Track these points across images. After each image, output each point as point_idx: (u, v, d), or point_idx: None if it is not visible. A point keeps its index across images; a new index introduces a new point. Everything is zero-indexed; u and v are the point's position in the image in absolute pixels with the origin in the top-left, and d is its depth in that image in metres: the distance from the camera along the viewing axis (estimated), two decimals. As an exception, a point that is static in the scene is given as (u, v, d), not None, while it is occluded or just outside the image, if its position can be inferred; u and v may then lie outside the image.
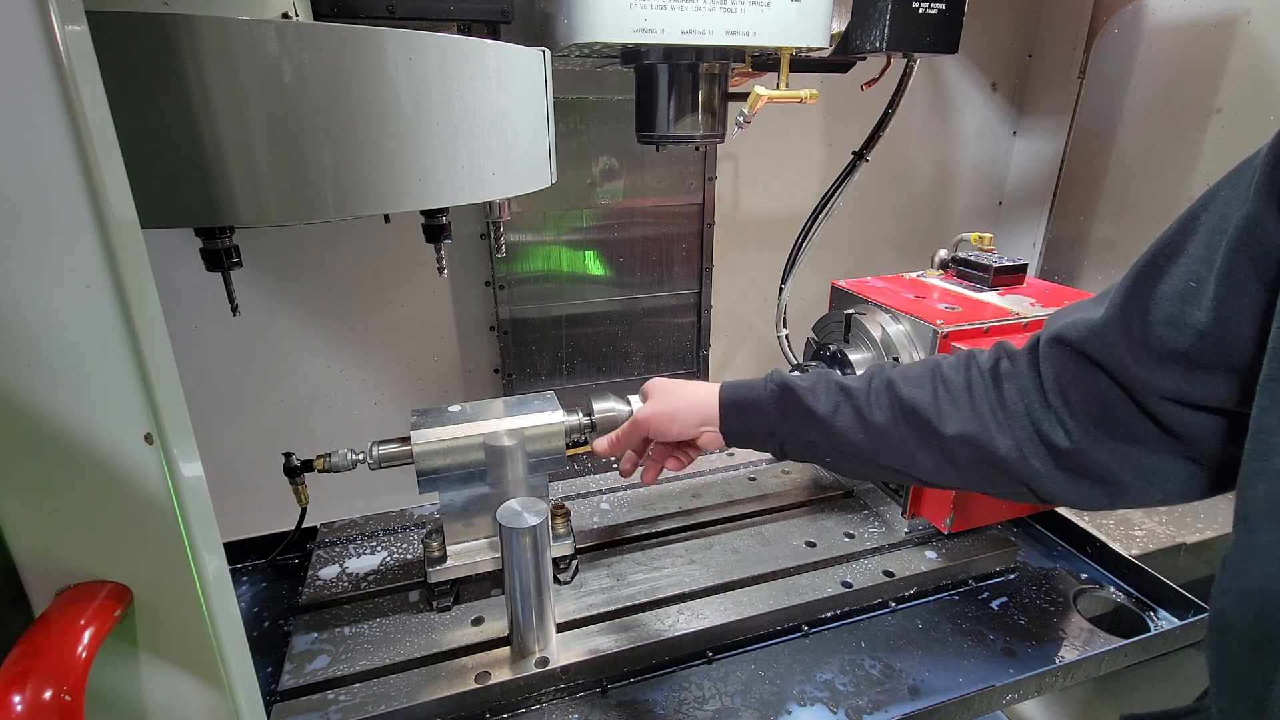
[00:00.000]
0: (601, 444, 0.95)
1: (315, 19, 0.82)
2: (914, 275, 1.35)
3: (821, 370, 0.85)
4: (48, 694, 0.43)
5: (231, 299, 0.79)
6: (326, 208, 0.64)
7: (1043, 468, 0.67)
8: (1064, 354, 0.65)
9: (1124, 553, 1.16)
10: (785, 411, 0.81)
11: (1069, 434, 0.65)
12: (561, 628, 0.98)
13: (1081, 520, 1.25)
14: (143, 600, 0.52)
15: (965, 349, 0.77)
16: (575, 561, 1.09)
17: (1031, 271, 1.44)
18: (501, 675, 0.91)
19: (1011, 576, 1.16)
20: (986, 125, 1.97)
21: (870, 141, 1.30)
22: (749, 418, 0.84)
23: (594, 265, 1.60)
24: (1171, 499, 0.64)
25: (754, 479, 1.36)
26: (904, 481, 1.15)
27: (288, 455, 0.97)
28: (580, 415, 1.02)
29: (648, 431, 0.89)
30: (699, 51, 1.06)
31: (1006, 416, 0.69)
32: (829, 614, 1.06)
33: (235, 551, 1.19)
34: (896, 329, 1.13)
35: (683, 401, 0.88)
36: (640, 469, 0.97)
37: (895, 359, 1.10)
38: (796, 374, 0.84)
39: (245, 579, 1.17)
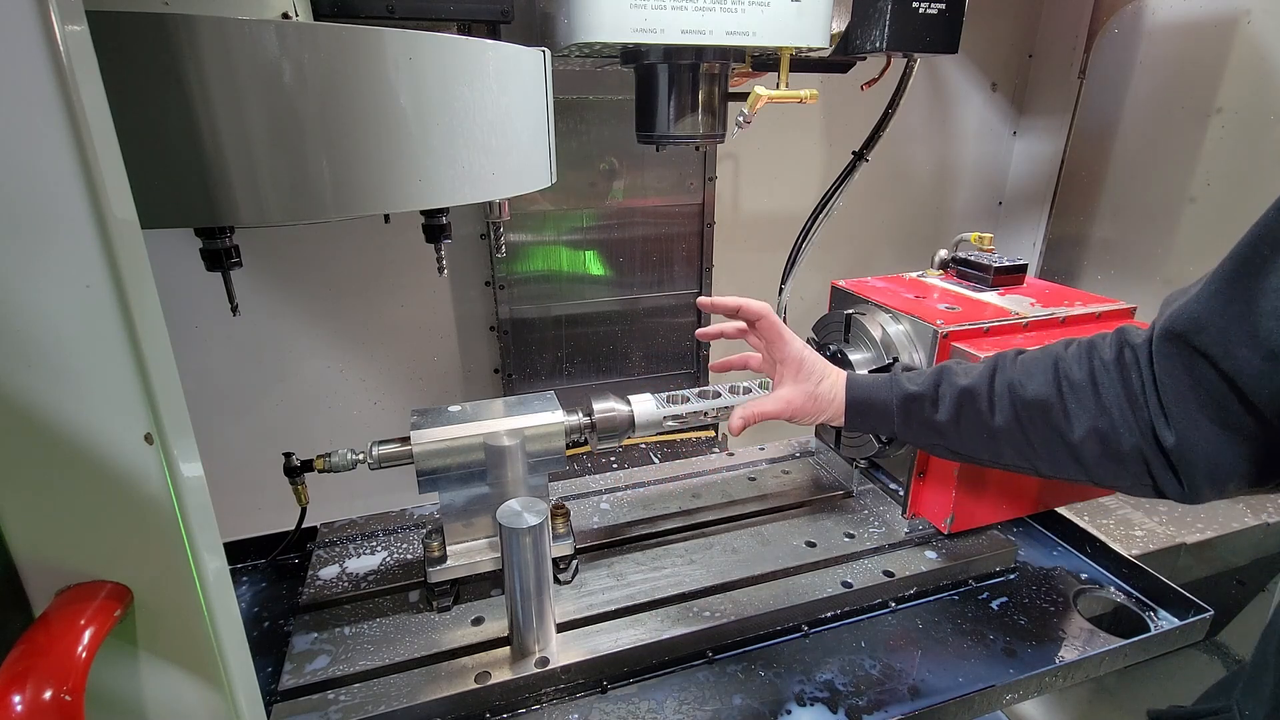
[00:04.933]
0: (737, 423, 0.94)
1: (315, 19, 0.82)
2: (914, 275, 1.35)
3: (940, 369, 0.84)
4: (48, 694, 0.43)
5: (231, 299, 0.79)
6: (326, 208, 0.64)
7: (1160, 461, 0.65)
8: (1173, 345, 0.62)
9: (1124, 553, 1.16)
10: (908, 420, 0.84)
11: (1173, 426, 0.63)
12: (561, 628, 0.98)
13: (1081, 520, 1.25)
14: (143, 600, 0.52)
15: (1085, 338, 0.74)
16: (575, 561, 1.09)
17: (1031, 271, 1.44)
18: (501, 675, 0.91)
19: (1011, 576, 1.16)
20: (986, 125, 1.97)
21: (870, 141, 1.30)
22: (871, 420, 0.90)
23: (594, 265, 1.60)
24: (1244, 489, 0.64)
25: (754, 479, 1.36)
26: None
27: (288, 455, 0.97)
28: (580, 415, 1.02)
29: (793, 418, 0.93)
30: (699, 51, 1.07)
31: (1132, 409, 0.67)
32: (829, 614, 1.06)
33: (235, 551, 1.19)
34: (896, 329, 1.13)
35: (825, 400, 0.92)
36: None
37: (895, 359, 1.10)
38: (915, 377, 0.85)
39: (245, 579, 1.17)
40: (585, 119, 1.48)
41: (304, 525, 1.09)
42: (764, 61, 1.21)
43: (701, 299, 1.00)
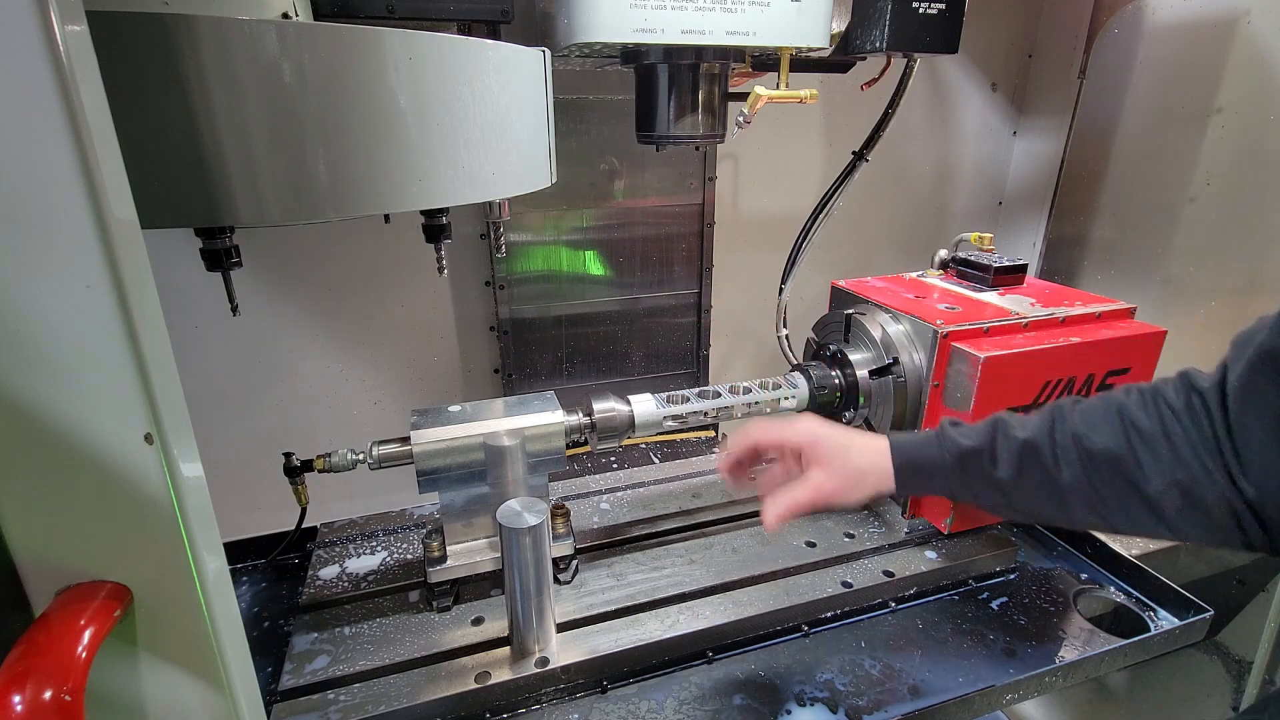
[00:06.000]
0: (773, 519, 0.85)
1: (315, 19, 0.82)
2: (914, 275, 1.35)
3: (993, 422, 0.78)
4: (48, 694, 0.43)
5: (231, 299, 0.79)
6: (326, 208, 0.64)
7: (1247, 513, 0.61)
8: (1265, 375, 0.58)
9: (1124, 553, 1.16)
10: (966, 478, 0.78)
11: (1249, 476, 0.60)
12: (561, 628, 0.98)
13: (1081, 520, 1.25)
14: (143, 600, 0.52)
15: (1147, 385, 0.70)
16: (575, 561, 1.09)
17: (1031, 271, 1.44)
18: (501, 675, 0.91)
19: (1011, 576, 1.16)
20: (986, 125, 1.97)
21: (870, 141, 1.30)
22: (925, 482, 0.83)
23: (594, 265, 1.60)
24: None
25: (754, 479, 1.35)
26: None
27: (288, 455, 0.97)
28: (580, 415, 1.02)
29: (832, 503, 0.85)
30: (699, 51, 1.06)
31: (1210, 458, 0.62)
32: (829, 614, 1.06)
33: (235, 551, 1.19)
34: (896, 329, 1.13)
35: (862, 472, 0.84)
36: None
37: (895, 359, 1.10)
38: (968, 431, 0.79)
39: (245, 579, 1.17)
40: (585, 119, 1.48)
41: (304, 525, 1.09)
42: (764, 61, 1.21)
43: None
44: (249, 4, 0.69)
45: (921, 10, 1.07)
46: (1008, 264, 1.26)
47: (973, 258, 1.30)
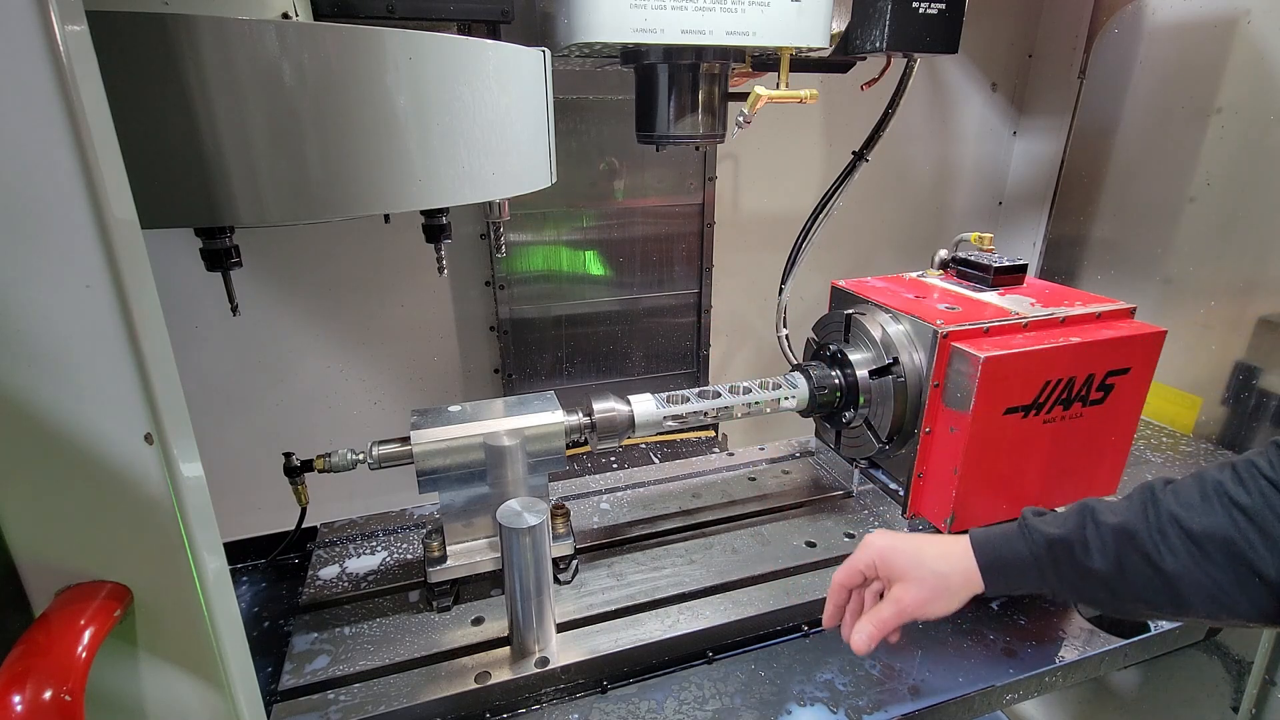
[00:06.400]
0: (864, 642, 0.80)
1: (315, 19, 0.82)
2: (914, 275, 1.35)
3: (1081, 508, 0.74)
4: (48, 694, 0.43)
5: (231, 299, 0.79)
6: (326, 208, 0.64)
7: None
8: None
9: (1124, 553, 1.16)
10: (1059, 572, 0.74)
11: None
12: (561, 628, 0.98)
13: (1081, 520, 1.25)
14: (143, 600, 0.52)
15: (1240, 459, 0.68)
16: (575, 561, 1.09)
17: (1031, 271, 1.44)
18: (501, 675, 0.91)
19: (1011, 576, 1.16)
20: (986, 125, 1.97)
21: (870, 141, 1.30)
22: (1014, 579, 0.77)
23: (594, 265, 1.60)
24: None
25: (754, 479, 1.36)
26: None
27: (288, 455, 0.97)
28: (580, 415, 1.02)
29: (921, 614, 0.80)
30: (699, 51, 1.06)
31: None
32: (829, 614, 1.06)
33: (235, 551, 1.19)
34: (896, 329, 1.13)
35: (944, 576, 0.79)
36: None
37: (895, 359, 1.10)
38: (1054, 520, 0.75)
39: (245, 579, 1.17)
40: (585, 119, 1.48)
41: (304, 525, 1.09)
42: (764, 61, 1.21)
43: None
44: (249, 4, 0.70)
45: (921, 10, 1.07)
46: (1008, 264, 1.26)
47: (973, 258, 1.30)
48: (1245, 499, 0.64)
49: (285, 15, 0.72)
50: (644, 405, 1.05)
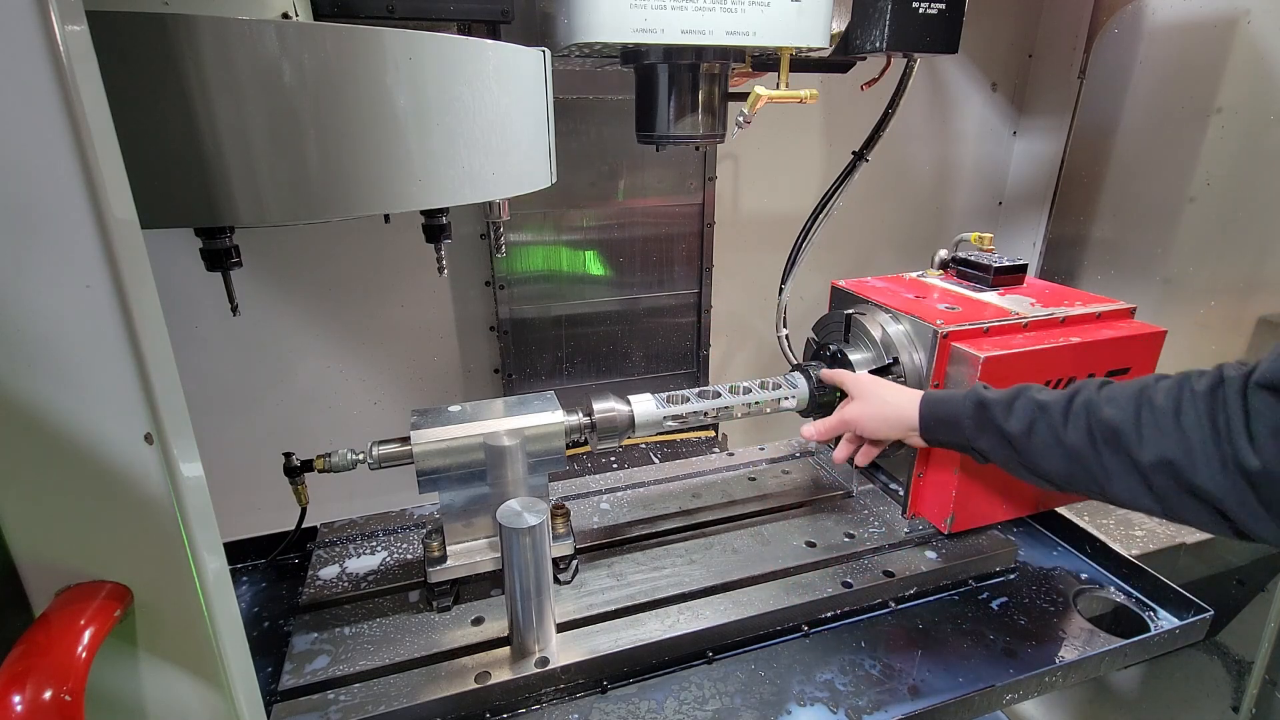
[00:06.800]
0: (809, 430, 1.07)
1: (315, 19, 0.82)
2: (914, 275, 1.35)
3: (1022, 386, 0.85)
4: (48, 694, 0.43)
5: (231, 299, 0.79)
6: (326, 208, 0.64)
7: (1241, 499, 0.64)
8: (1270, 396, 0.62)
9: (1124, 553, 1.16)
10: (981, 428, 0.85)
11: (1259, 453, 0.62)
12: (561, 628, 0.98)
13: (1081, 520, 1.25)
14: (143, 600, 0.52)
15: (1189, 372, 0.72)
16: (575, 561, 1.09)
17: (1031, 271, 1.44)
18: (501, 675, 0.91)
19: (1011, 576, 1.16)
20: (986, 125, 1.97)
21: (870, 141, 1.30)
22: (947, 431, 0.91)
23: (594, 265, 1.60)
24: None
25: (754, 479, 1.36)
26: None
27: (288, 455, 0.97)
28: (580, 415, 1.02)
29: (855, 429, 1.01)
30: (699, 51, 1.06)
31: (1213, 440, 0.65)
32: (829, 614, 1.06)
33: (235, 551, 1.19)
34: (896, 329, 1.13)
35: (889, 409, 0.97)
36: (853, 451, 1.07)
37: (895, 359, 1.10)
38: (995, 390, 0.86)
39: (245, 579, 1.17)
40: (585, 119, 1.48)
41: (304, 525, 1.09)
42: (764, 61, 1.21)
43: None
44: (249, 4, 0.69)
45: (921, 10, 1.07)
46: (1008, 264, 1.26)
47: (973, 258, 1.30)
48: (1160, 400, 0.70)
49: (285, 15, 0.72)
50: (644, 405, 1.05)
